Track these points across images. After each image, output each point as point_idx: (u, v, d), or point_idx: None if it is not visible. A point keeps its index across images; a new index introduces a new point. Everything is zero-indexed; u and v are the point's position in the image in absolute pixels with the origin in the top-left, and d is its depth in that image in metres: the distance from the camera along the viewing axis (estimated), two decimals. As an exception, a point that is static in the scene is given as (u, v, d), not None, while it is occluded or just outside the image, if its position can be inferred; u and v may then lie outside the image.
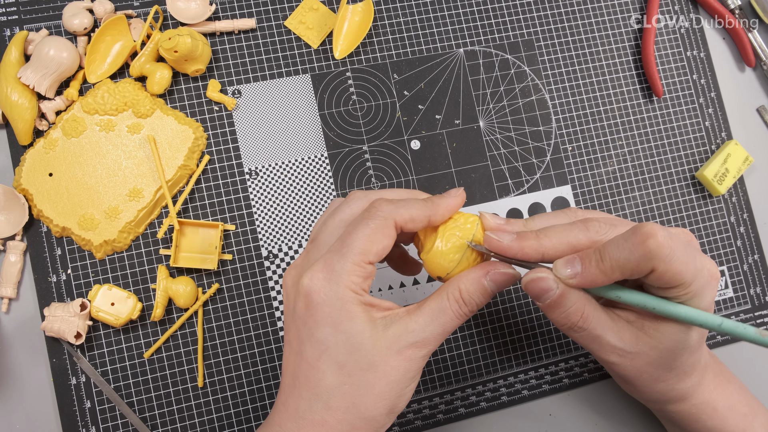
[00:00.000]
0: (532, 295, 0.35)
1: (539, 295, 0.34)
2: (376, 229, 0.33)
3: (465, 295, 0.34)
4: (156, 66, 0.47)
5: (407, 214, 0.34)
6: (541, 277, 0.34)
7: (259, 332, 0.47)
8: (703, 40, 0.58)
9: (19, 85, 0.45)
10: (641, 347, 0.35)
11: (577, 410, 0.50)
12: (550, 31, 0.55)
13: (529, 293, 0.35)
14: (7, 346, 0.45)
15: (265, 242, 0.48)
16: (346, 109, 0.51)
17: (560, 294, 0.34)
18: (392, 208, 0.34)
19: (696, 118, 0.56)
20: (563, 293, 0.34)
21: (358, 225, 0.33)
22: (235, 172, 0.49)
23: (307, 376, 0.33)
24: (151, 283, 0.47)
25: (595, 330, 0.35)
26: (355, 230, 0.33)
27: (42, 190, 0.46)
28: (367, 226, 0.33)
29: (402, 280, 0.49)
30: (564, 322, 0.35)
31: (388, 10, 0.53)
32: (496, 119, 0.53)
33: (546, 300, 0.34)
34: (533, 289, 0.34)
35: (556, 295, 0.34)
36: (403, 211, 0.34)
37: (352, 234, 0.33)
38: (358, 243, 0.32)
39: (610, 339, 0.35)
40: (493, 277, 0.34)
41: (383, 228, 0.33)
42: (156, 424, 0.45)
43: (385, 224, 0.33)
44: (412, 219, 0.34)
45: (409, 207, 0.34)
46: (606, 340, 0.35)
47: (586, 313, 0.34)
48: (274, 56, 0.50)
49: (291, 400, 0.33)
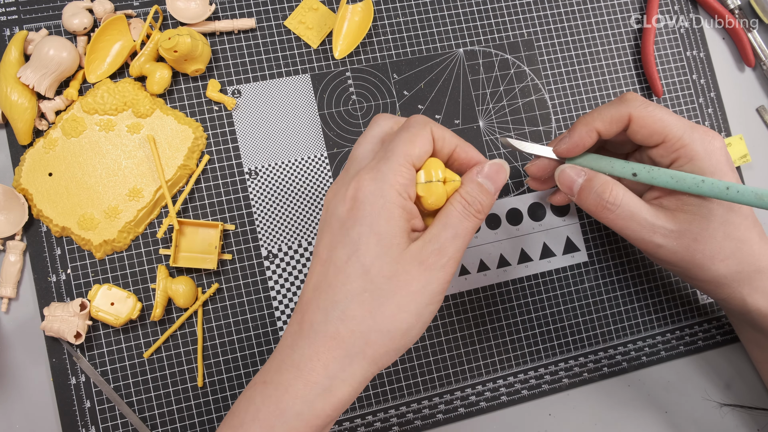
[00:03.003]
0: (565, 187, 0.41)
1: (571, 184, 0.40)
2: (416, 133, 0.35)
3: (466, 196, 0.35)
4: (156, 66, 0.47)
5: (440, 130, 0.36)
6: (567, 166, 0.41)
7: (259, 332, 0.47)
8: (702, 40, 0.58)
9: (19, 85, 0.45)
10: (681, 224, 0.38)
11: (577, 410, 0.50)
12: (550, 31, 0.55)
13: (562, 185, 0.41)
14: (7, 346, 0.45)
15: (264, 242, 0.48)
16: (345, 109, 0.51)
17: (588, 178, 0.40)
18: (427, 119, 0.36)
19: (696, 118, 0.56)
20: (590, 177, 0.40)
21: (399, 133, 0.35)
22: (234, 172, 0.49)
23: (330, 282, 0.33)
24: (150, 283, 0.47)
25: (628, 205, 0.38)
26: (396, 137, 0.35)
27: (42, 190, 0.46)
28: (407, 131, 0.35)
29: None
30: (596, 203, 0.39)
31: (387, 10, 0.53)
32: (496, 119, 0.53)
33: (577, 186, 0.40)
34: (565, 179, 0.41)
35: (585, 179, 0.40)
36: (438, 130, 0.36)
37: (395, 140, 0.35)
38: (401, 147, 0.34)
39: (646, 215, 0.38)
40: (485, 174, 0.36)
41: (422, 133, 0.35)
42: (156, 424, 0.45)
43: (423, 130, 0.35)
44: (443, 137, 0.36)
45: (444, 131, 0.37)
46: (642, 216, 0.38)
47: (614, 189, 0.39)
48: (273, 56, 0.50)
49: (307, 315, 0.33)
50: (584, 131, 0.40)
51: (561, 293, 0.51)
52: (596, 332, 0.51)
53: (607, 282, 0.52)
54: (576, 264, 0.52)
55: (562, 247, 0.52)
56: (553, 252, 0.52)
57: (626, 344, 0.52)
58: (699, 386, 0.52)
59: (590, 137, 0.40)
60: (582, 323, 0.51)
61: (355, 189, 0.33)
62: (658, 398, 0.51)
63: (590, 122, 0.40)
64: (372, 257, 0.32)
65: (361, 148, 0.37)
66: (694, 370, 0.52)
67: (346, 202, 0.34)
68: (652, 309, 0.53)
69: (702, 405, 0.51)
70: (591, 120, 0.40)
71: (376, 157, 0.35)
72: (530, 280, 0.51)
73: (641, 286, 0.53)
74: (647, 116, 0.38)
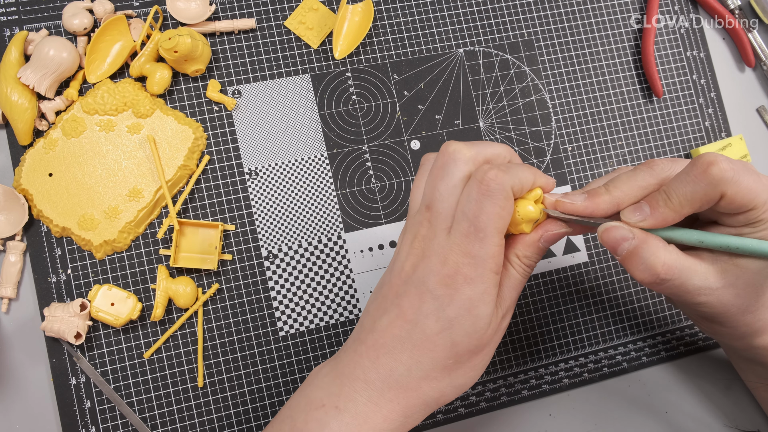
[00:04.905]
0: (609, 247, 0.35)
1: (616, 245, 0.34)
2: (503, 206, 0.33)
3: (525, 260, 0.36)
4: (156, 66, 0.47)
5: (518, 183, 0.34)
6: (616, 225, 0.34)
7: (259, 332, 0.47)
8: (703, 40, 0.58)
9: (19, 85, 0.45)
10: (727, 280, 0.35)
11: (577, 410, 0.50)
12: (550, 31, 0.55)
13: (606, 244, 0.35)
14: (7, 346, 0.45)
15: (265, 242, 0.48)
16: (346, 109, 0.51)
17: (637, 243, 0.34)
18: (507, 178, 0.34)
19: (696, 118, 0.56)
20: (640, 241, 0.34)
21: (482, 203, 0.33)
22: (235, 172, 0.49)
23: (416, 344, 0.34)
24: (151, 283, 0.47)
25: (679, 278, 0.34)
26: (482, 211, 0.33)
27: (42, 190, 0.46)
28: (493, 204, 0.33)
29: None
30: (645, 276, 0.34)
31: (388, 10, 0.53)
32: (496, 119, 0.53)
33: (623, 250, 0.34)
34: (609, 239, 0.34)
35: (633, 245, 0.34)
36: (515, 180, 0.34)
37: (481, 216, 0.33)
38: (492, 225, 0.33)
39: (696, 282, 0.34)
40: (546, 238, 0.36)
41: (507, 202, 0.33)
42: (156, 424, 0.45)
43: (507, 198, 0.33)
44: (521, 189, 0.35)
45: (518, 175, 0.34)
46: (692, 284, 0.34)
47: (668, 262, 0.33)
48: (274, 56, 0.50)
49: (386, 360, 0.35)
50: (670, 215, 0.34)
51: (561, 293, 0.51)
52: (596, 332, 0.51)
53: (607, 282, 0.52)
54: (576, 264, 0.52)
55: (562, 247, 0.52)
56: (553, 252, 0.52)
57: (626, 344, 0.52)
58: (699, 386, 0.52)
59: (674, 220, 0.34)
60: (582, 323, 0.51)
61: (453, 269, 0.33)
62: (658, 398, 0.51)
63: (676, 206, 0.33)
64: (463, 335, 0.34)
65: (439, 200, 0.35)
66: (694, 370, 0.52)
67: (440, 278, 0.34)
68: (653, 309, 0.53)
69: (702, 405, 0.51)
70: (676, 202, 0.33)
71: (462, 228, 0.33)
72: (530, 280, 0.51)
73: (641, 286, 0.53)
74: (739, 192, 0.32)
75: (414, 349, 0.34)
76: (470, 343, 0.34)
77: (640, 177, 0.35)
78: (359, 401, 0.34)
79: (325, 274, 0.49)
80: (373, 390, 0.34)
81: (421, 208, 0.36)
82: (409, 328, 0.34)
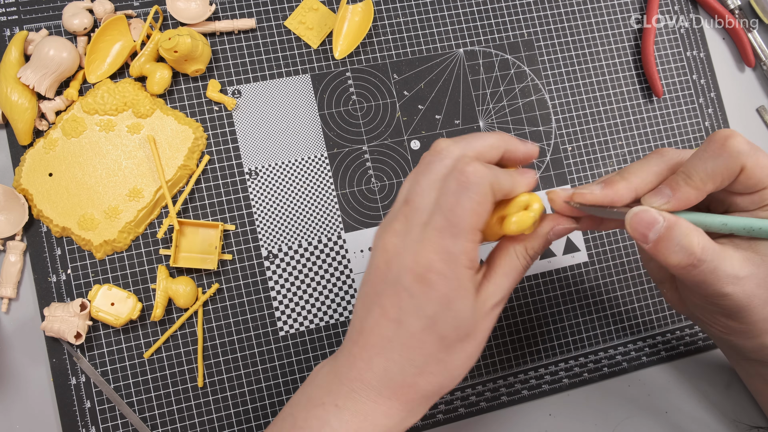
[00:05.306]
0: (638, 235, 0.33)
1: (646, 231, 0.32)
2: (481, 202, 0.32)
3: (531, 252, 0.36)
4: (156, 66, 0.47)
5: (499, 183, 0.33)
6: (645, 209, 0.33)
7: (259, 332, 0.47)
8: (702, 40, 0.58)
9: (19, 85, 0.45)
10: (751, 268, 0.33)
11: (577, 410, 0.50)
12: (550, 31, 0.55)
13: (634, 232, 0.33)
14: (7, 346, 0.45)
15: (265, 242, 0.48)
16: (346, 109, 0.51)
17: (668, 225, 0.32)
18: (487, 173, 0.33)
19: (696, 118, 0.56)
20: (671, 223, 0.32)
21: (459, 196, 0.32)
22: (235, 172, 0.49)
23: (404, 342, 0.34)
24: (151, 283, 0.47)
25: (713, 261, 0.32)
26: (458, 204, 0.32)
27: (42, 190, 0.46)
28: (469, 199, 0.32)
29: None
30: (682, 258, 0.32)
31: (388, 10, 0.53)
32: (496, 119, 0.53)
33: (654, 236, 0.32)
34: (638, 225, 0.33)
35: (664, 227, 0.32)
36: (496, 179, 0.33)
37: (457, 209, 0.32)
38: (467, 220, 0.32)
39: (726, 268, 0.33)
40: (556, 232, 0.36)
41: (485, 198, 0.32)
42: (156, 424, 0.45)
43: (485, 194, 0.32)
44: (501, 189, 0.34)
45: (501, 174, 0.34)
46: (724, 270, 0.33)
47: (703, 243, 0.32)
48: (274, 56, 0.50)
49: (378, 361, 0.34)
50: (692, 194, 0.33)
51: (561, 293, 0.51)
52: (596, 332, 0.51)
53: (607, 282, 0.52)
54: (576, 264, 0.52)
55: (562, 247, 0.52)
56: (553, 252, 0.52)
57: (626, 344, 0.52)
58: (699, 386, 0.52)
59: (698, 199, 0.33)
60: (582, 323, 0.51)
61: (424, 267, 0.32)
62: (658, 398, 0.51)
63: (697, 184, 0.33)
64: (449, 329, 0.33)
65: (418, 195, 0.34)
66: (694, 370, 0.52)
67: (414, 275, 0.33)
68: (653, 309, 0.53)
69: (702, 405, 0.51)
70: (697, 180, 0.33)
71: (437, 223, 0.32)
72: (530, 280, 0.51)
73: (641, 286, 0.53)
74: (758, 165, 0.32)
75: (403, 347, 0.34)
76: (458, 334, 0.34)
77: (653, 163, 0.35)
78: (358, 399, 0.34)
79: (325, 274, 0.49)
80: (371, 389, 0.34)
81: (399, 202, 0.35)
82: (395, 327, 0.34)
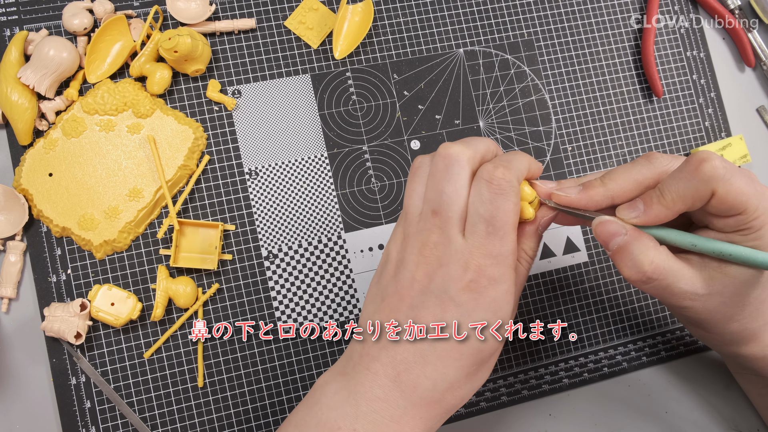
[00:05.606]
0: (602, 240, 0.35)
1: (608, 240, 0.34)
2: (516, 202, 0.34)
3: (530, 252, 0.37)
4: (156, 66, 0.47)
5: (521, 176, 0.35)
6: (609, 220, 0.35)
7: (259, 332, 0.47)
8: (702, 40, 0.58)
9: (19, 85, 0.45)
10: (714, 287, 0.34)
11: (577, 410, 0.50)
12: (550, 31, 0.55)
13: (599, 237, 0.35)
14: (7, 346, 0.45)
15: (265, 242, 0.48)
16: (346, 109, 0.51)
17: (628, 239, 0.34)
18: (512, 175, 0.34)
19: (696, 118, 0.56)
20: (632, 238, 0.34)
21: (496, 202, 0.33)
22: (235, 172, 0.49)
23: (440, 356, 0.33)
24: (151, 283, 0.47)
25: (665, 280, 0.34)
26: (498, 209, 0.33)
27: (42, 190, 0.46)
28: (507, 201, 0.34)
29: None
30: (632, 273, 0.34)
31: (388, 10, 0.53)
32: (496, 119, 0.53)
33: (615, 245, 0.34)
34: (602, 233, 0.35)
35: (624, 240, 0.34)
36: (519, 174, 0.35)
37: (498, 214, 0.33)
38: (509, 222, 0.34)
39: (682, 286, 0.34)
40: (543, 225, 0.37)
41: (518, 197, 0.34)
42: (156, 424, 0.45)
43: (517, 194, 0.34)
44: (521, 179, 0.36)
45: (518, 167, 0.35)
46: (678, 287, 0.34)
47: (656, 261, 0.33)
48: (274, 56, 0.50)
49: (407, 377, 0.33)
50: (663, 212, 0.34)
51: (561, 293, 0.51)
52: (596, 332, 0.51)
53: (607, 282, 0.52)
54: (576, 264, 0.52)
55: (562, 247, 0.52)
56: (553, 252, 0.52)
57: (626, 344, 0.52)
58: (699, 386, 0.52)
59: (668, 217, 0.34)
60: (582, 323, 0.51)
61: (476, 273, 0.33)
62: (658, 398, 0.51)
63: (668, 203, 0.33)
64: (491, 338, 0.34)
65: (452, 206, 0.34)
66: (694, 370, 0.52)
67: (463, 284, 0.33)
68: (653, 309, 0.53)
69: (702, 405, 0.51)
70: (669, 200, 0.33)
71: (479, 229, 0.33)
72: (530, 280, 0.51)
73: (641, 286, 0.53)
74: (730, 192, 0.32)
75: (438, 361, 0.33)
76: (495, 345, 0.34)
77: (636, 170, 0.35)
78: (380, 422, 0.33)
79: (325, 274, 0.49)
80: (395, 409, 0.33)
81: (426, 213, 0.35)
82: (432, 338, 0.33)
